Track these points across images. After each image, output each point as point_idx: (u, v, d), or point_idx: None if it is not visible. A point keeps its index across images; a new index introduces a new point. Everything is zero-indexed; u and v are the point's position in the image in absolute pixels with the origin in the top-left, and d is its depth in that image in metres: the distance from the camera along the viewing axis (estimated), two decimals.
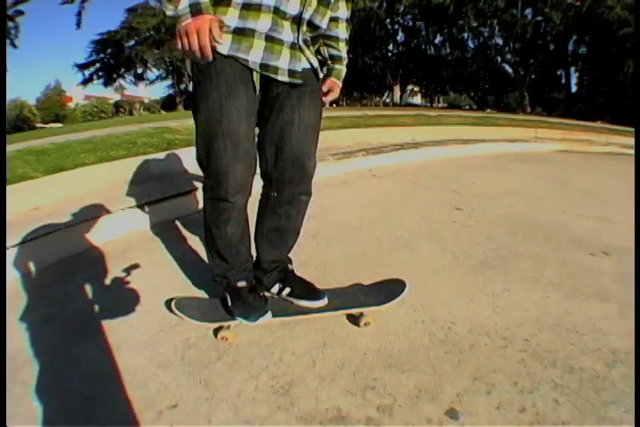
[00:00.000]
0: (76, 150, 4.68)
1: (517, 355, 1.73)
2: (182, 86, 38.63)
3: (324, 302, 1.99)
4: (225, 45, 1.61)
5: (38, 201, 3.30)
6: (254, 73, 1.69)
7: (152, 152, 4.67)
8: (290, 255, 2.17)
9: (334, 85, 2.06)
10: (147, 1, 35.32)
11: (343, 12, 2.01)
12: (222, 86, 1.64)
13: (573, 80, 33.19)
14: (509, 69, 31.54)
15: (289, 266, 2.14)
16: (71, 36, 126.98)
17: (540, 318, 2.01)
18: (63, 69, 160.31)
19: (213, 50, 1.51)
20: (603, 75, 27.35)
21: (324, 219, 3.54)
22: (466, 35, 32.17)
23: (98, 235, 3.00)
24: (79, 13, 18.07)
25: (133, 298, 2.24)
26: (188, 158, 4.32)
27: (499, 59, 31.55)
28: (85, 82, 36.87)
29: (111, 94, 55.04)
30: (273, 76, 1.71)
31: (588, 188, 4.76)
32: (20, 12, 18.28)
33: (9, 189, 3.03)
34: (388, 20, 33.13)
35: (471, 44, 33.13)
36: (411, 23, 33.82)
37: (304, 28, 1.74)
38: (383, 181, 4.97)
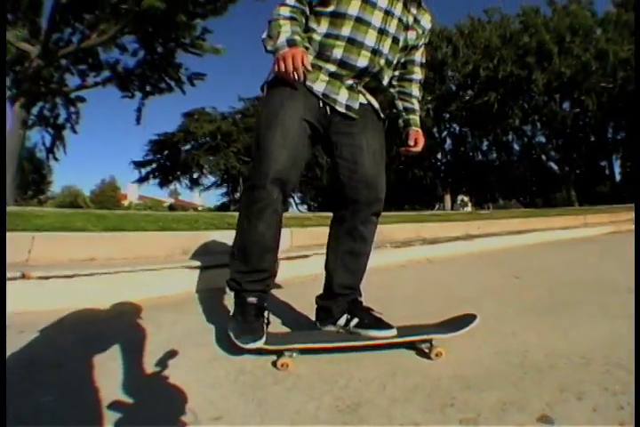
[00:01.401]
0: (136, 219, 4.76)
1: (600, 368, 1.72)
2: (237, 195, 38.29)
3: (394, 331, 1.91)
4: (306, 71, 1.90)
5: (94, 253, 3.29)
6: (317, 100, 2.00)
7: (213, 229, 4.64)
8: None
9: (417, 133, 2.31)
10: (203, 107, 37.72)
11: (417, 75, 2.37)
12: (286, 92, 1.96)
13: (617, 169, 33.53)
14: (555, 167, 32.17)
15: (358, 297, 2.12)
16: (130, 132, 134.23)
17: (614, 340, 2.04)
18: (118, 165, 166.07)
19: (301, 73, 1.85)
20: None
21: (387, 291, 3.45)
22: (510, 137, 33.14)
23: (155, 287, 2.96)
24: (139, 110, 18.94)
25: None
26: None
27: (544, 157, 32.27)
28: (141, 180, 37.97)
29: (166, 198, 55.27)
30: (332, 104, 2.00)
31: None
32: (83, 99, 19.49)
33: (66, 235, 3.08)
34: (436, 129, 34.42)
35: (516, 146, 34.08)
36: (457, 129, 35.05)
37: (367, 78, 2.08)
38: (440, 265, 4.96)
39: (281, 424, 1.36)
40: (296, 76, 1.84)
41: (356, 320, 1.98)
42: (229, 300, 2.26)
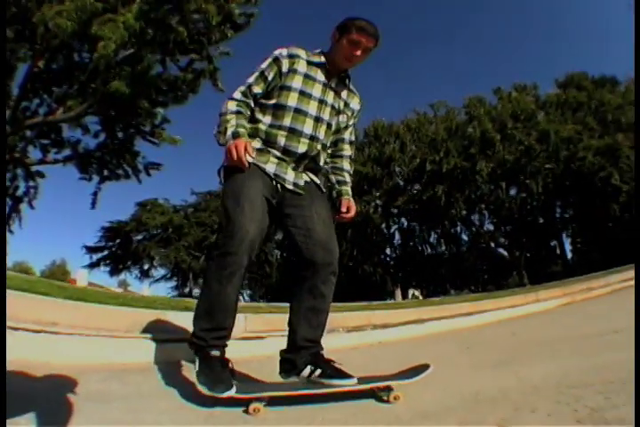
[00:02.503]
0: (95, 294, 4.78)
1: (552, 390, 1.97)
2: (187, 290, 38.07)
3: (354, 380, 2.06)
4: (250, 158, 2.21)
5: (58, 318, 3.30)
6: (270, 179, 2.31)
7: (170, 310, 4.69)
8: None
9: (349, 202, 2.61)
10: (156, 198, 37.84)
11: (347, 151, 2.73)
12: (246, 174, 2.23)
13: (567, 246, 34.46)
14: (505, 253, 32.76)
15: (320, 350, 2.26)
16: (82, 215, 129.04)
17: (565, 372, 2.34)
18: (69, 247, 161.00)
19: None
20: (593, 230, 28.48)
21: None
22: (459, 228, 34.01)
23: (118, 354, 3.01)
24: (95, 194, 18.72)
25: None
26: None
27: (492, 244, 32.97)
28: (92, 266, 37.30)
29: (115, 288, 54.97)
30: (282, 183, 2.32)
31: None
32: (42, 175, 19.30)
33: (31, 297, 3.10)
34: (384, 225, 35.22)
35: (465, 237, 34.85)
36: (406, 224, 35.90)
37: (306, 161, 2.41)
38: (394, 346, 5.08)
39: None
40: (242, 162, 2.15)
41: (319, 371, 2.12)
42: (188, 371, 2.41)
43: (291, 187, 2.33)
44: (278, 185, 2.31)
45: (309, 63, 2.41)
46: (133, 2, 11.61)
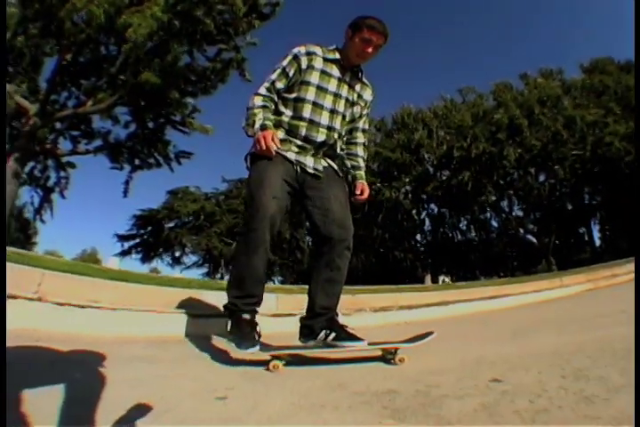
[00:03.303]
0: (133, 276, 5.03)
1: (549, 356, 2.21)
2: (218, 276, 37.76)
3: (365, 343, 2.33)
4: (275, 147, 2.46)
5: (98, 297, 3.55)
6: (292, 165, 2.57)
7: (206, 289, 4.94)
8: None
9: (363, 185, 2.86)
10: (187, 186, 38.05)
11: (361, 139, 3.00)
12: (269, 161, 2.49)
13: (596, 234, 34.03)
14: (534, 239, 32.27)
15: (335, 316, 2.53)
16: (112, 204, 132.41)
17: (566, 343, 2.55)
18: (99, 235, 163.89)
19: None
20: (621, 217, 27.74)
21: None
22: (488, 214, 33.67)
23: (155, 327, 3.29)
24: (127, 182, 18.82)
25: None
26: None
27: (521, 231, 32.58)
28: (124, 253, 37.54)
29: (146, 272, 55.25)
30: (304, 167, 2.58)
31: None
32: (73, 165, 19.70)
33: (73, 277, 3.36)
34: (415, 211, 35.15)
35: (494, 223, 34.47)
36: (436, 210, 35.70)
37: (325, 148, 2.70)
38: (418, 326, 5.25)
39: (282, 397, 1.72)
40: (270, 151, 2.40)
41: (333, 335, 2.38)
42: (220, 343, 2.80)
43: (311, 171, 2.59)
44: (299, 169, 2.57)
45: (325, 60, 2.67)
46: None
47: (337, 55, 2.70)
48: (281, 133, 2.60)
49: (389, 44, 2.71)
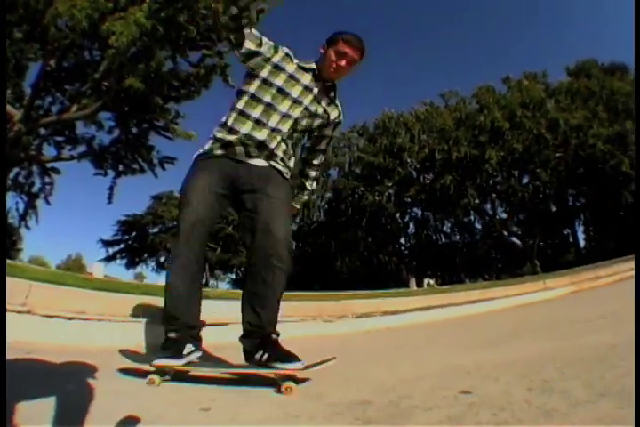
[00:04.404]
0: (118, 285, 5.06)
1: (520, 363, 2.35)
2: (202, 281, 37.62)
3: (300, 364, 2.12)
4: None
5: (85, 308, 3.58)
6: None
7: None
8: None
9: (296, 210, 2.96)
10: (172, 191, 37.58)
11: (317, 160, 2.89)
12: (197, 174, 2.50)
13: (580, 235, 34.36)
14: (518, 241, 32.46)
15: (272, 336, 2.30)
16: (99, 210, 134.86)
17: (540, 351, 2.59)
18: (84, 241, 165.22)
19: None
20: (606, 218, 28.42)
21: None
22: (472, 217, 33.88)
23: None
24: (111, 188, 18.74)
25: None
26: None
27: (505, 233, 32.76)
28: (108, 259, 37.53)
29: (130, 280, 55.28)
30: (243, 161, 2.48)
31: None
32: (57, 171, 19.65)
33: (60, 288, 3.43)
34: (398, 214, 35.29)
35: (478, 226, 34.74)
36: (419, 214, 35.85)
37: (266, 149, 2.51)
38: (399, 333, 5.30)
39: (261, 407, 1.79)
40: None
41: (266, 355, 2.19)
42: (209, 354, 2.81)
43: (249, 169, 2.46)
44: (238, 168, 2.46)
45: (299, 67, 2.58)
46: (143, 1, 11.76)
47: (312, 66, 2.60)
48: (224, 132, 2.49)
49: (372, 49, 2.66)
